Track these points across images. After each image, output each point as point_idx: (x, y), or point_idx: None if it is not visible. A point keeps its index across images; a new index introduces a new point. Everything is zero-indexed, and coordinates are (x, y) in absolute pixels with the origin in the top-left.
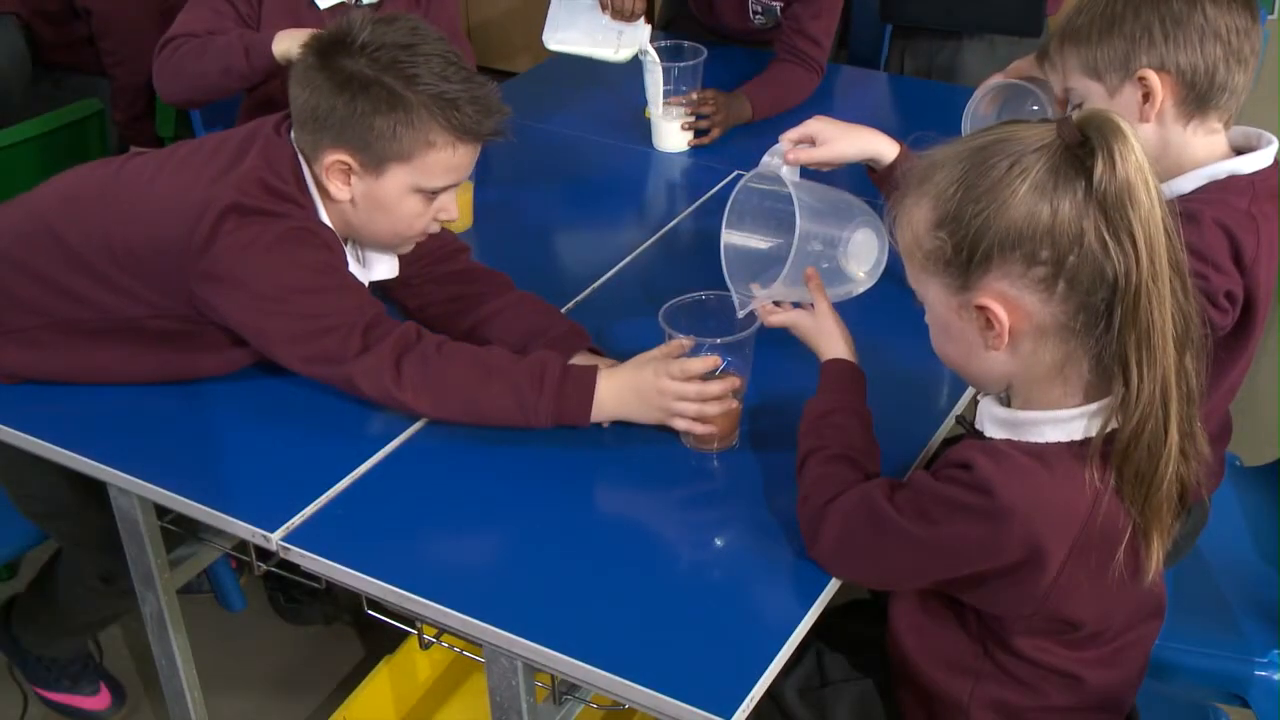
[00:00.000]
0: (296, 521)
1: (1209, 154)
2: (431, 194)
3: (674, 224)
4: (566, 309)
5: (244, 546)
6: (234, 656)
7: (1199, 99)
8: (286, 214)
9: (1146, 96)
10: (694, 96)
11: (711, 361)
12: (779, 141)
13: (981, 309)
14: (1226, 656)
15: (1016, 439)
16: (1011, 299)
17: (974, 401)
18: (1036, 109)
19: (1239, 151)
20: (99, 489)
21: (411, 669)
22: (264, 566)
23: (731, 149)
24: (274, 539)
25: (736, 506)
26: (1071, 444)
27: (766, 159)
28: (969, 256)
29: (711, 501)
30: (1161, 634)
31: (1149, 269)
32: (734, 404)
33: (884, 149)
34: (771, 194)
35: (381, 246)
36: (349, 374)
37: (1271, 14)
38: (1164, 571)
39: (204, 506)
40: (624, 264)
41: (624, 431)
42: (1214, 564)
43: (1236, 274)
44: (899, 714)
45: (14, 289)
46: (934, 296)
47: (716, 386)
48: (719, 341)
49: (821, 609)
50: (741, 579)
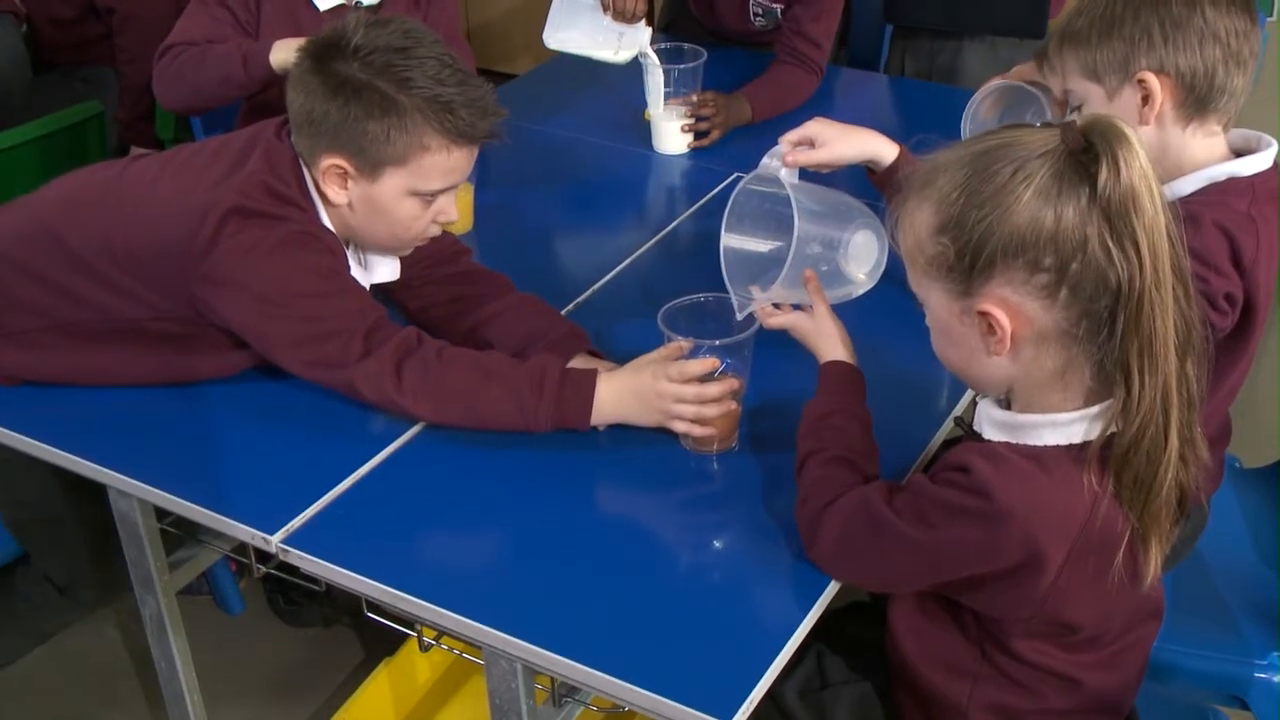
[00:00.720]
0: (296, 524)
1: (1208, 156)
2: (429, 197)
3: (674, 226)
4: (566, 311)
5: (244, 549)
6: (233, 659)
7: (1198, 101)
8: (289, 217)
9: (1146, 99)
10: (694, 98)
11: (710, 364)
12: (778, 143)
13: (984, 315)
14: (1226, 658)
15: (1015, 442)
16: (1014, 305)
17: (973, 404)
18: (1035, 112)
19: (1238, 154)
20: (91, 493)
21: (411, 671)
22: (263, 569)
23: (731, 151)
24: (274, 541)
25: (736, 508)
26: (1070, 447)
27: (766, 161)
28: (972, 262)
29: (711, 503)
30: (1161, 636)
31: (1152, 276)
32: (733, 406)
33: (883, 151)
34: (771, 196)
35: (381, 249)
36: (350, 378)
37: (1271, 16)
38: (1164, 575)
39: (204, 509)
40: (624, 266)
41: (623, 433)
42: (1213, 566)
43: (1236, 276)
44: (898, 716)
45: (15, 290)
46: (935, 301)
47: (715, 388)
48: (718, 343)
49: (821, 611)
50: (741, 581)
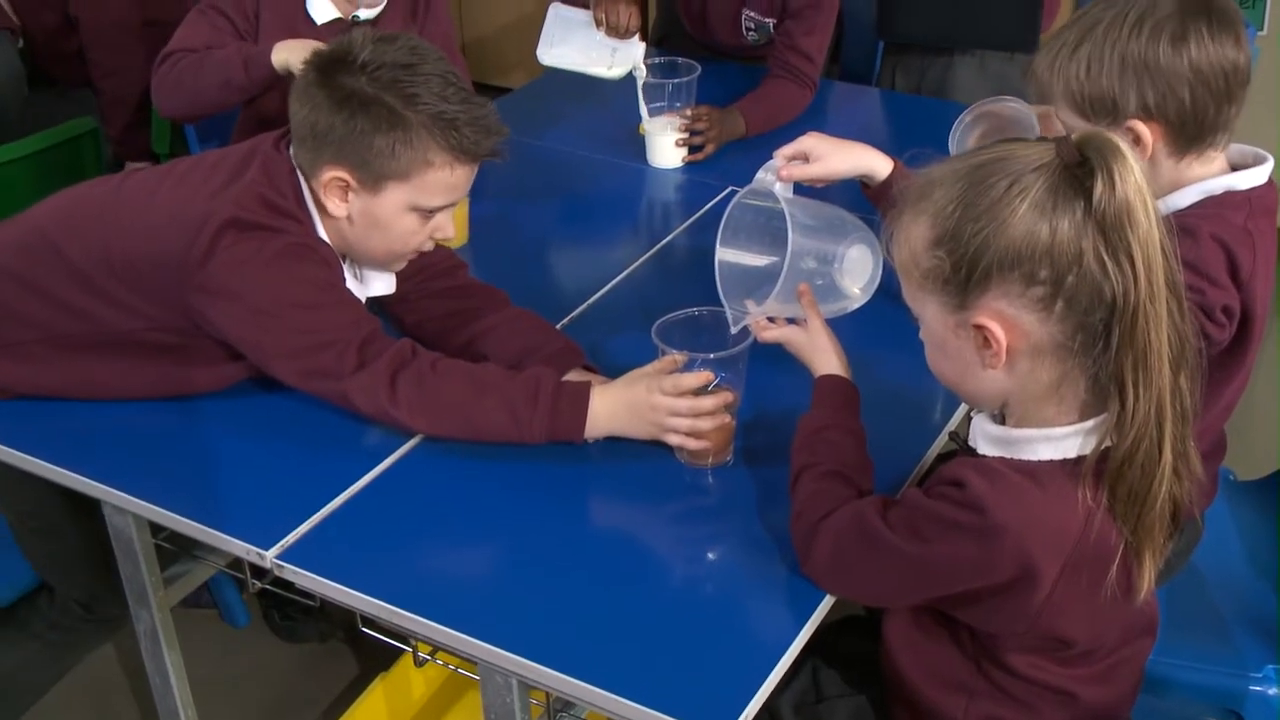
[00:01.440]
0: (291, 539)
1: (1205, 172)
2: (428, 213)
3: (669, 240)
4: (562, 324)
5: (239, 564)
6: (228, 674)
7: (1189, 140)
8: (285, 229)
9: (1136, 141)
10: (688, 113)
11: (704, 377)
12: (773, 158)
13: (979, 328)
14: (1221, 672)
15: (1010, 456)
16: (1009, 318)
17: (967, 418)
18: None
19: (1235, 168)
20: (88, 507)
21: (406, 686)
22: (259, 584)
23: (726, 165)
24: (269, 556)
25: (731, 522)
26: (1065, 462)
27: (761, 175)
28: (967, 275)
29: (706, 517)
30: (1156, 649)
31: (1147, 289)
32: (727, 419)
33: (878, 165)
34: (766, 210)
35: (377, 263)
36: (344, 390)
37: (1261, 30)
38: (1159, 588)
39: (199, 524)
40: (619, 280)
41: (618, 447)
42: (1209, 579)
43: (1233, 289)
44: None
45: (10, 302)
46: (931, 314)
47: (709, 402)
48: (712, 357)
49: (816, 625)
50: (736, 595)
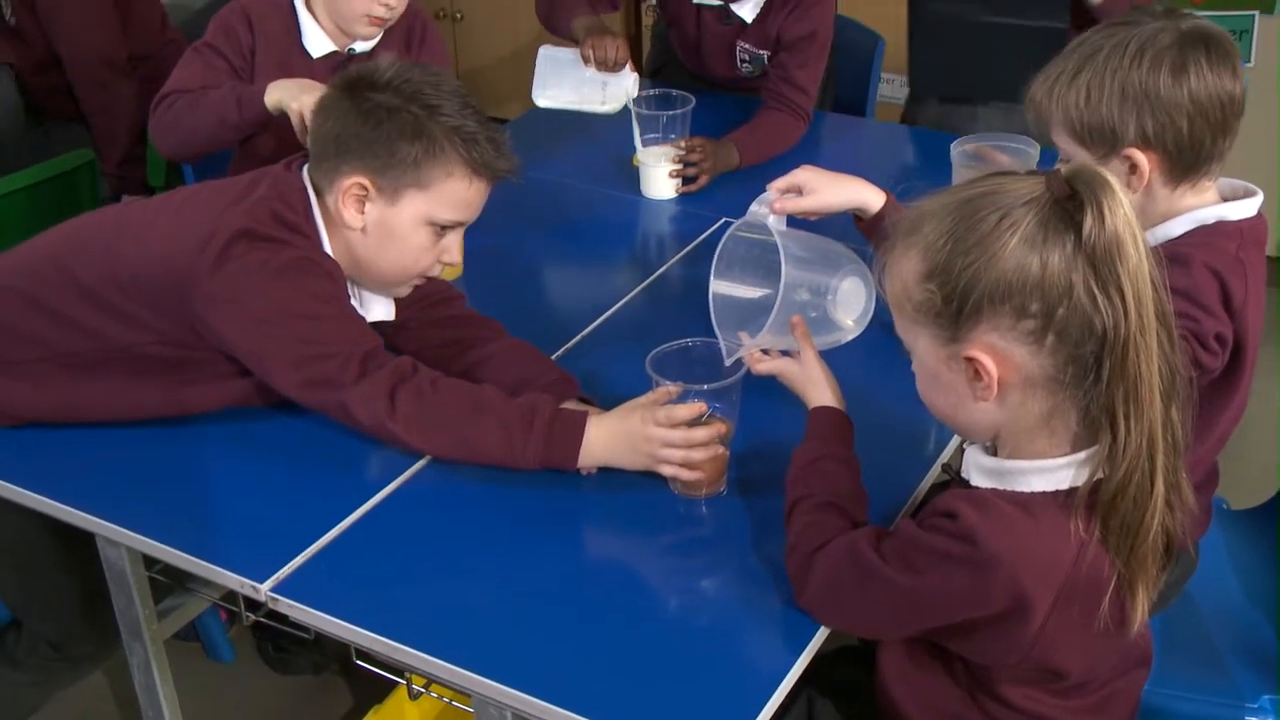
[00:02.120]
0: (286, 571)
1: (1198, 201)
2: (440, 230)
3: (663, 271)
4: (556, 355)
5: (233, 596)
6: (222, 707)
7: (1185, 169)
8: (294, 243)
9: (1133, 170)
10: (682, 144)
11: (697, 408)
12: (766, 190)
13: (970, 361)
14: (1217, 702)
15: (1002, 488)
16: (1000, 351)
17: (960, 450)
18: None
19: (1224, 199)
20: (73, 543)
21: (400, 719)
22: (253, 617)
23: (719, 196)
24: (263, 590)
25: (725, 553)
26: (1057, 494)
27: (754, 208)
28: (958, 308)
29: (700, 548)
30: (1152, 680)
31: (1137, 322)
32: (721, 450)
33: (870, 198)
34: (760, 242)
35: (383, 283)
36: (344, 400)
37: (1249, 62)
38: (1153, 618)
39: (193, 557)
40: (613, 311)
41: (612, 477)
42: (1203, 608)
43: (1226, 317)
44: None
45: (13, 320)
46: (922, 347)
47: (702, 433)
48: (706, 388)
49: (811, 656)
50: (731, 626)
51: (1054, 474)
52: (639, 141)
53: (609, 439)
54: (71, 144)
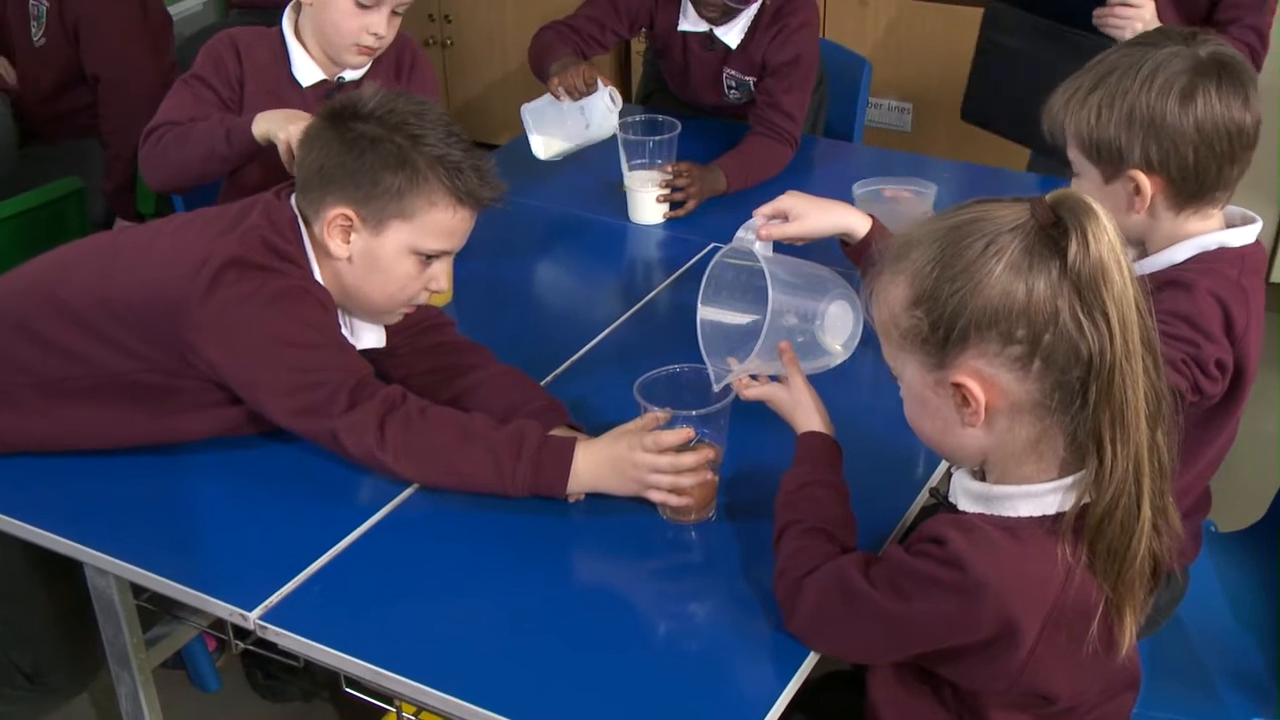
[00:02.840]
0: (275, 599)
1: (1202, 227)
2: (426, 259)
3: (651, 297)
4: (545, 381)
5: (222, 624)
6: None
7: (1189, 195)
8: (285, 271)
9: (1136, 191)
10: (669, 169)
11: (685, 434)
12: (753, 217)
13: (957, 386)
14: None
15: (989, 513)
16: (988, 377)
17: (948, 474)
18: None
19: (1228, 225)
20: (58, 572)
21: None
22: (242, 645)
23: (707, 221)
24: (252, 618)
25: (715, 578)
26: (1044, 519)
27: (740, 234)
28: (945, 335)
29: (689, 573)
30: (1141, 703)
31: (1123, 348)
32: (709, 476)
33: (856, 224)
34: (747, 268)
35: (372, 311)
36: (334, 429)
37: None
38: (1141, 641)
39: (182, 586)
40: (602, 337)
41: (601, 503)
42: (1192, 631)
43: (1227, 343)
44: None
45: (2, 347)
46: (910, 373)
47: (690, 459)
48: (694, 414)
49: (801, 681)
50: (721, 651)
51: (1041, 499)
52: (626, 167)
53: (597, 465)
54: (62, 168)
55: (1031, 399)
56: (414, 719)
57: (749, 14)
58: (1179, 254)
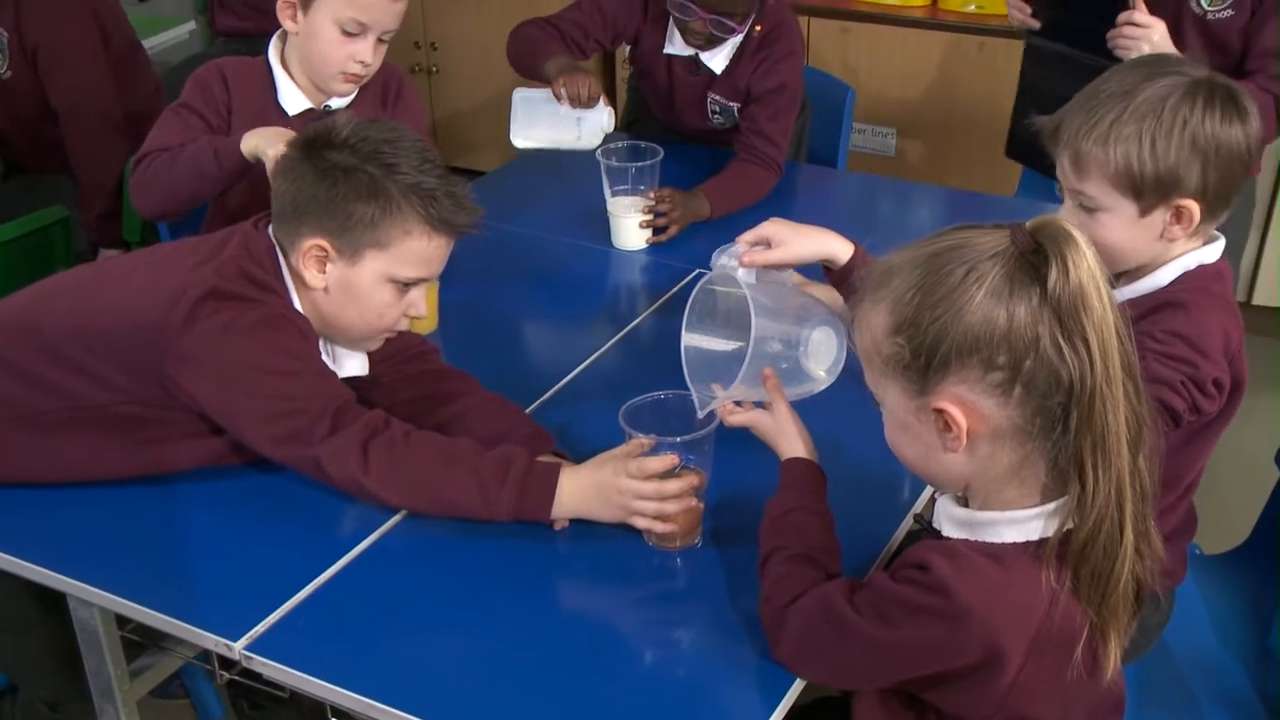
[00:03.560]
0: (260, 629)
1: (1185, 248)
2: (403, 286)
3: (635, 324)
4: (531, 409)
5: (208, 655)
6: None
7: (1215, 218)
8: (263, 300)
9: (1175, 219)
10: (651, 195)
11: (670, 460)
12: (735, 243)
13: (939, 412)
14: None
15: (973, 539)
16: (969, 403)
17: (932, 500)
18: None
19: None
20: (56, 602)
21: None
22: (227, 675)
23: (690, 247)
24: (237, 648)
25: (700, 604)
26: (1028, 544)
27: (723, 260)
28: (927, 361)
29: (675, 600)
30: None
31: (1103, 373)
32: (694, 502)
33: (838, 250)
34: (731, 295)
35: (352, 340)
36: (316, 456)
37: None
38: (1127, 665)
39: (166, 616)
40: (587, 363)
41: (587, 530)
42: (1178, 654)
43: (1224, 361)
44: None
45: None
46: (892, 399)
47: (675, 485)
48: (678, 440)
49: (788, 708)
50: (708, 678)
51: (1024, 525)
52: (608, 193)
53: (582, 491)
54: (46, 199)
55: (1013, 424)
56: None
57: (735, 40)
58: (1165, 276)
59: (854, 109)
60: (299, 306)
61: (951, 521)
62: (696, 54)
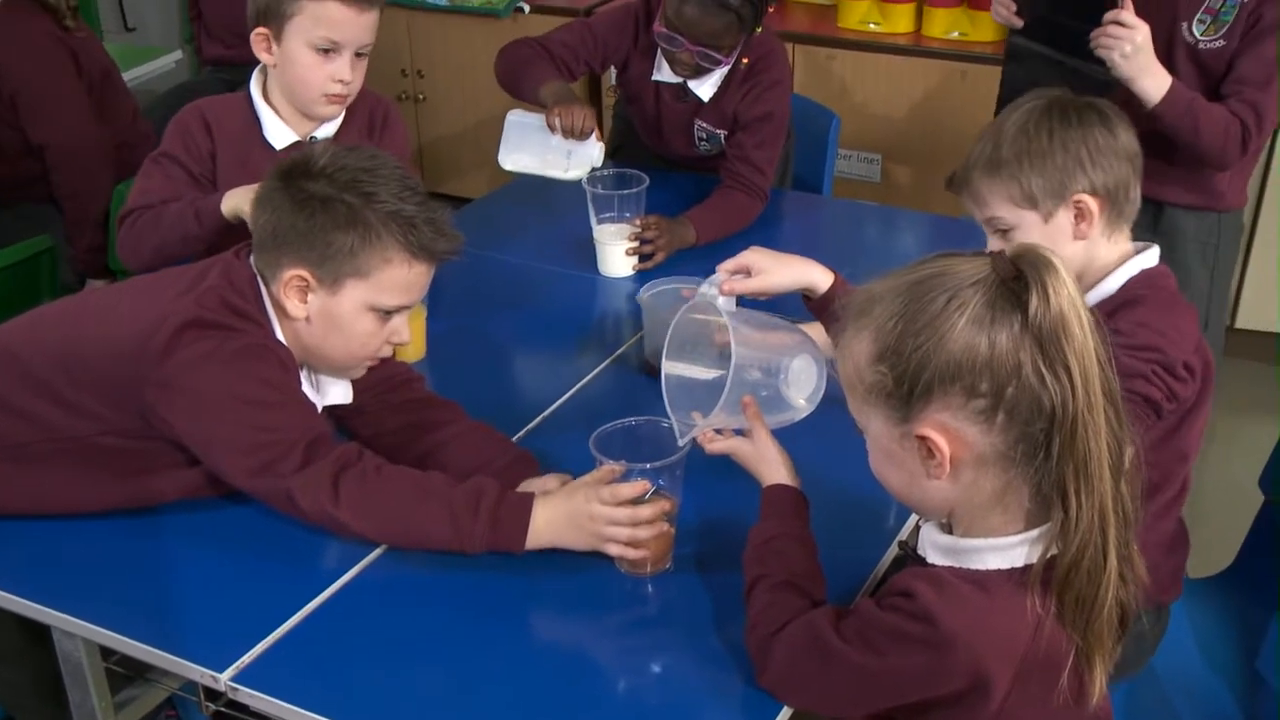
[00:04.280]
0: (246, 660)
1: (1121, 255)
2: (385, 314)
3: (622, 350)
4: (518, 437)
5: (194, 686)
6: None
7: (1118, 213)
8: (244, 330)
9: (1080, 217)
10: (637, 222)
11: (641, 486)
12: (716, 272)
13: (923, 439)
14: None
15: (958, 566)
16: (952, 430)
17: (916, 527)
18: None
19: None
20: (43, 634)
21: None
22: (213, 707)
23: (676, 274)
24: (223, 679)
25: (680, 630)
26: (1012, 571)
27: (704, 289)
28: (910, 389)
29: (652, 626)
30: None
31: (1085, 399)
32: (666, 527)
33: (818, 278)
34: (712, 323)
35: (335, 368)
36: (288, 488)
37: None
38: (1116, 687)
39: (151, 648)
40: (574, 391)
41: (568, 559)
42: (1165, 677)
43: (1189, 345)
44: None
45: None
46: (875, 427)
47: (647, 510)
48: (649, 466)
49: None
50: (692, 706)
51: (1008, 551)
52: (594, 220)
53: (554, 520)
54: (30, 229)
55: (996, 451)
56: None
57: (723, 69)
58: (1112, 284)
59: (840, 135)
60: (281, 336)
61: (936, 549)
62: (685, 81)
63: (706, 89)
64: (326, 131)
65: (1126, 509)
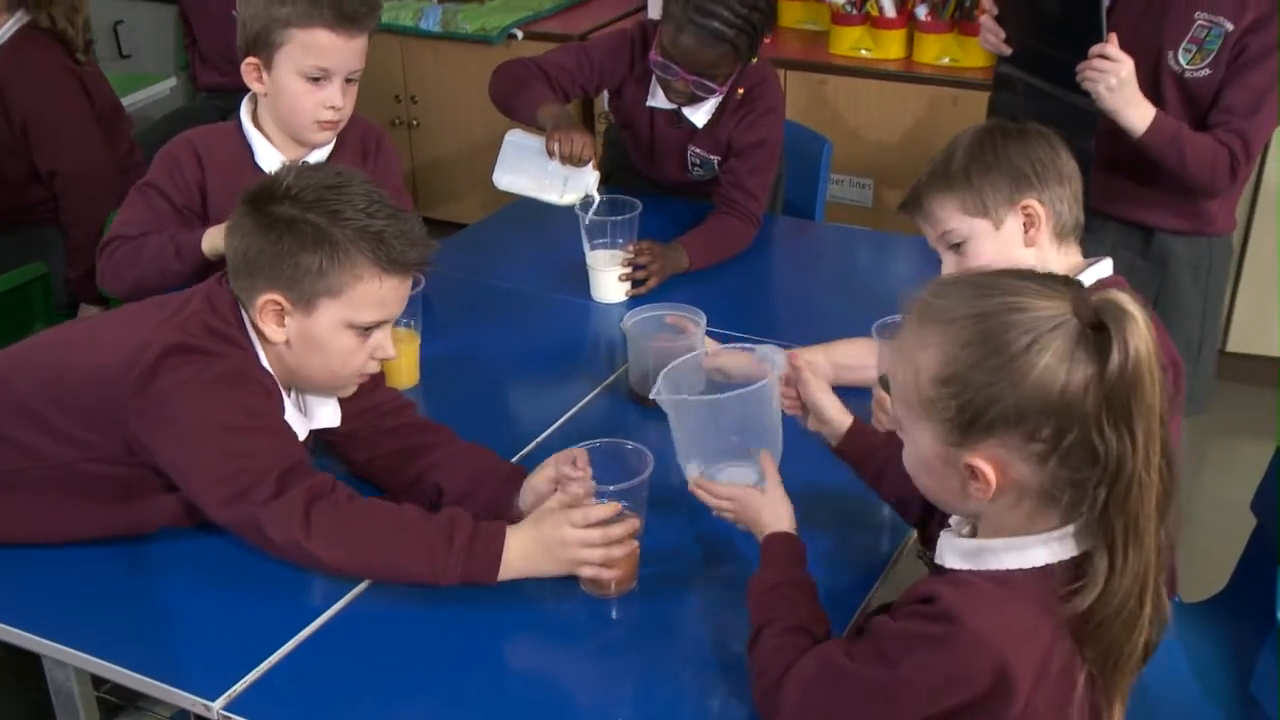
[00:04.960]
0: (238, 689)
1: (1071, 267)
2: (364, 330)
3: (614, 377)
4: (512, 463)
5: (186, 715)
6: None
7: (1063, 226)
8: (227, 354)
9: (1029, 223)
10: (630, 248)
11: (612, 508)
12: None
13: (971, 467)
14: None
15: (978, 568)
16: (1003, 462)
17: (924, 539)
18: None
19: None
20: (32, 663)
21: None
22: None
23: (669, 300)
24: (215, 708)
25: (653, 650)
26: (1033, 570)
27: (767, 351)
28: (972, 420)
29: (624, 649)
30: None
31: (1143, 459)
32: (635, 546)
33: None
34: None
35: (321, 389)
36: (259, 519)
37: None
38: None
39: (143, 676)
40: (568, 416)
41: (552, 585)
42: (1159, 703)
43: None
44: None
45: None
46: (923, 438)
47: (619, 529)
48: (612, 488)
49: None
50: None
51: (1027, 552)
52: (587, 246)
53: (527, 550)
54: (32, 253)
55: (1042, 488)
56: None
57: (717, 96)
58: None
59: (832, 160)
60: (264, 360)
61: (955, 553)
62: (679, 107)
63: (701, 115)
64: (318, 157)
65: (1163, 555)
